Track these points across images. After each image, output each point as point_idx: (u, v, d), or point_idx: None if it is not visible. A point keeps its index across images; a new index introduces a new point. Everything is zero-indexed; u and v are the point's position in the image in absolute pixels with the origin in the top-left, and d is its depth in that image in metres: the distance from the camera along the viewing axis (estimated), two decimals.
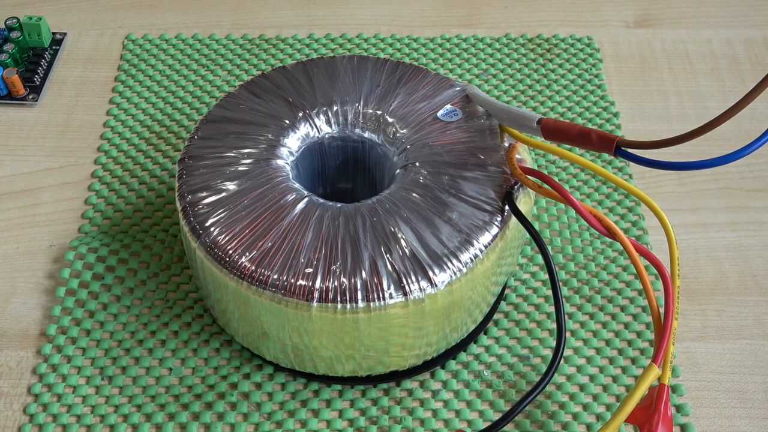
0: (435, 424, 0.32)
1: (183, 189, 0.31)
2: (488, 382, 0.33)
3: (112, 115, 0.44)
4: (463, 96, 0.35)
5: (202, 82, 0.46)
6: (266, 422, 0.32)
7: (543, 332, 0.35)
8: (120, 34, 0.49)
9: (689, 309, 0.36)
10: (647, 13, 0.50)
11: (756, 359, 0.34)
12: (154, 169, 0.41)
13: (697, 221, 0.39)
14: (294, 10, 0.50)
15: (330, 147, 0.35)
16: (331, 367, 0.31)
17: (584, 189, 0.40)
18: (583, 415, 0.32)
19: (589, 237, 0.38)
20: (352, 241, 0.29)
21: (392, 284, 0.28)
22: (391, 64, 0.36)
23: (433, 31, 0.49)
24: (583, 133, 0.29)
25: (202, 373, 0.33)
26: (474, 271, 0.29)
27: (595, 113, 0.44)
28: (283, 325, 0.29)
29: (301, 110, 0.34)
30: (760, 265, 0.38)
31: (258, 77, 0.36)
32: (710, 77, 0.47)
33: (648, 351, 0.34)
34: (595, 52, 0.47)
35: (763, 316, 0.36)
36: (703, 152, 0.32)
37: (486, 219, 0.30)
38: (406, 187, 0.31)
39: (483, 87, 0.45)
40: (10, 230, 0.39)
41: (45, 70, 0.46)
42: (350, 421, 0.32)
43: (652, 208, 0.31)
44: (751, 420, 0.32)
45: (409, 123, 0.34)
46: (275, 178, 0.32)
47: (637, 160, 0.28)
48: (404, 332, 0.30)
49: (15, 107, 0.44)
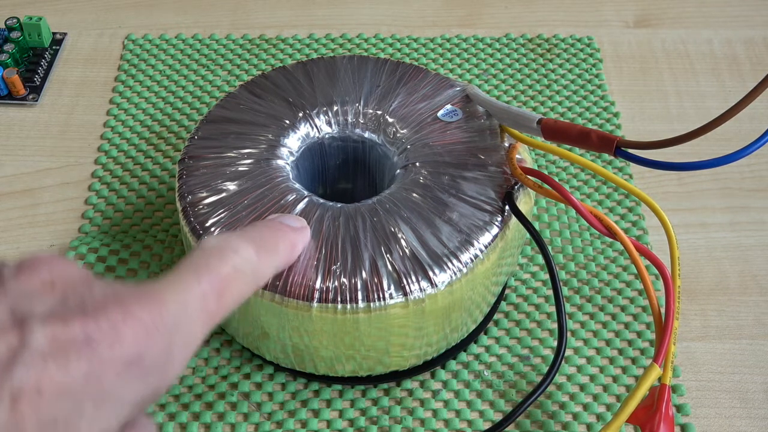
0: (435, 424, 0.32)
1: (183, 189, 0.31)
2: (488, 382, 0.33)
3: (112, 115, 0.44)
4: (463, 96, 0.35)
5: (202, 82, 0.46)
6: (266, 422, 0.32)
7: (543, 332, 0.35)
8: (120, 34, 0.49)
9: (689, 309, 0.36)
10: (647, 13, 0.50)
11: (756, 359, 0.34)
12: (154, 169, 0.41)
13: (698, 221, 0.39)
14: (294, 10, 0.50)
15: (330, 147, 0.35)
16: (332, 367, 0.31)
17: (584, 189, 0.40)
18: (584, 415, 0.32)
19: (589, 237, 0.38)
20: (352, 242, 0.29)
21: (392, 284, 0.28)
22: (391, 64, 0.36)
23: (433, 31, 0.49)
24: (583, 134, 0.29)
25: (202, 373, 0.33)
26: (474, 271, 0.29)
27: (595, 113, 0.44)
28: (284, 325, 0.29)
29: (302, 110, 0.34)
30: (760, 265, 0.38)
31: (258, 77, 0.36)
32: (710, 77, 0.47)
33: (648, 351, 0.34)
34: (595, 52, 0.47)
35: (763, 316, 0.36)
36: (703, 152, 0.32)
37: (486, 219, 0.30)
38: (407, 187, 0.31)
39: (483, 87, 0.45)
40: (10, 230, 0.39)
41: (45, 70, 0.46)
42: (350, 421, 0.32)
43: (652, 208, 0.31)
44: (751, 420, 0.32)
45: (410, 123, 0.34)
46: (275, 178, 0.32)
47: (637, 161, 0.28)
48: (404, 332, 0.30)
49: (15, 107, 0.44)
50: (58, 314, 0.19)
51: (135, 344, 0.19)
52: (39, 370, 0.17)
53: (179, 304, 0.21)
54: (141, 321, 0.19)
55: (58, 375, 0.18)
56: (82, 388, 0.18)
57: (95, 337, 0.18)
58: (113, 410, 0.19)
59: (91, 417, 0.18)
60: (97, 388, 0.18)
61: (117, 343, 0.19)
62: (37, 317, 0.18)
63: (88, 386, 0.18)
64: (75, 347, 0.18)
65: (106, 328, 0.19)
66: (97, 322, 0.19)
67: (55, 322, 0.18)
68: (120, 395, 0.19)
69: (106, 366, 0.18)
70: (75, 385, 0.18)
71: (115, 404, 0.19)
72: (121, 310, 0.19)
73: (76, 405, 0.18)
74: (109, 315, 0.19)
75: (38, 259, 0.21)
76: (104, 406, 0.19)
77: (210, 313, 0.22)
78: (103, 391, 0.18)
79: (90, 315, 0.19)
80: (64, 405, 0.18)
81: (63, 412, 0.18)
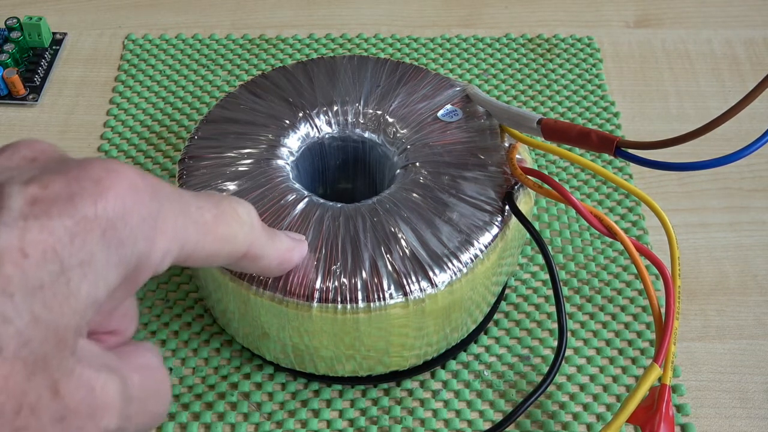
0: (435, 424, 0.32)
1: (183, 189, 0.31)
2: (489, 382, 0.33)
3: (112, 115, 0.44)
4: (463, 96, 0.35)
5: (202, 82, 0.46)
6: (266, 422, 0.32)
7: (543, 332, 0.35)
8: (120, 34, 0.49)
9: (689, 309, 0.36)
10: (647, 13, 0.50)
11: (756, 359, 0.34)
12: (154, 169, 0.41)
13: (698, 221, 0.39)
14: (294, 10, 0.50)
15: (330, 147, 0.35)
16: (332, 367, 0.31)
17: (584, 189, 0.40)
18: (584, 414, 0.32)
19: (589, 237, 0.38)
20: (352, 242, 0.29)
21: (392, 284, 0.28)
22: (391, 64, 0.36)
23: (433, 31, 0.49)
24: (583, 134, 0.29)
25: (202, 373, 0.33)
26: (474, 271, 0.29)
27: (595, 113, 0.44)
28: (284, 325, 0.29)
29: (302, 110, 0.34)
30: (760, 265, 0.38)
31: (258, 77, 0.36)
32: (710, 77, 0.47)
33: (648, 351, 0.34)
34: (596, 52, 0.47)
35: (763, 316, 0.36)
36: (703, 152, 0.32)
37: (486, 219, 0.30)
38: (407, 187, 0.31)
39: (483, 87, 0.45)
40: None
41: (45, 70, 0.46)
42: (350, 421, 0.32)
43: (652, 207, 0.31)
44: (751, 420, 0.32)
45: (410, 123, 0.34)
46: (275, 178, 0.32)
47: (637, 161, 0.28)
48: (404, 332, 0.30)
49: (15, 107, 0.44)
50: (39, 178, 0.18)
51: (121, 200, 0.18)
52: (21, 230, 0.17)
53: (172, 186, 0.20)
54: (127, 177, 0.19)
55: (41, 235, 0.17)
56: (67, 250, 0.17)
57: (77, 193, 0.18)
58: (101, 277, 0.18)
59: (78, 282, 0.18)
60: (82, 250, 0.18)
61: (101, 200, 0.18)
62: (17, 181, 0.18)
63: (73, 247, 0.17)
64: (57, 205, 0.17)
65: (89, 185, 0.18)
66: (78, 181, 0.18)
67: (35, 184, 0.18)
68: (107, 260, 0.18)
69: (90, 224, 0.18)
70: (59, 246, 0.17)
71: (102, 270, 0.18)
72: (105, 167, 0.18)
73: (62, 269, 0.17)
74: (91, 173, 0.18)
75: (19, 141, 0.20)
76: (91, 271, 0.18)
77: (203, 222, 0.21)
78: (90, 254, 0.18)
79: (72, 174, 0.18)
80: (50, 268, 0.17)
81: (49, 276, 0.17)
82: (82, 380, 0.18)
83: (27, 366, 0.17)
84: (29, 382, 0.17)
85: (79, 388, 0.18)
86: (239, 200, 0.24)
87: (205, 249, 0.22)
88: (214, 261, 0.23)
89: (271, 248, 0.26)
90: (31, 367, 0.17)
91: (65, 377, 0.18)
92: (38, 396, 0.17)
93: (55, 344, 0.17)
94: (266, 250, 0.25)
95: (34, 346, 0.17)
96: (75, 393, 0.18)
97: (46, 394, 0.17)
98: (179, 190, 0.21)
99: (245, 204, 0.24)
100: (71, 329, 0.18)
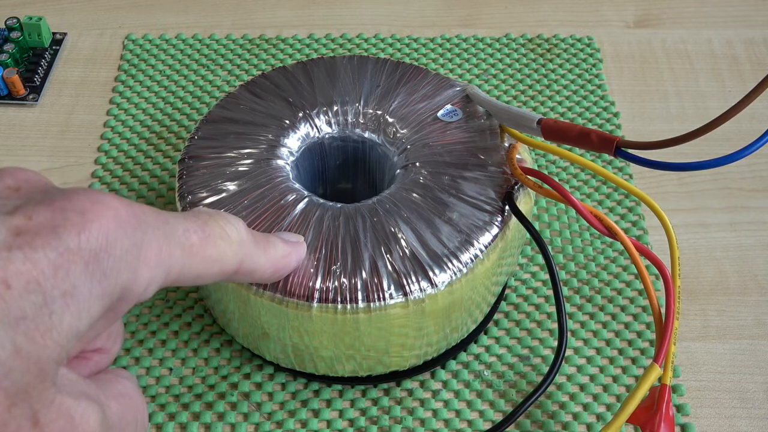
0: (435, 424, 0.32)
1: (183, 189, 0.31)
2: (489, 382, 0.33)
3: (112, 115, 0.44)
4: (463, 96, 0.35)
5: (202, 82, 0.46)
6: (266, 422, 0.32)
7: (543, 332, 0.35)
8: (120, 34, 0.49)
9: (689, 309, 0.36)
10: (647, 13, 0.50)
11: (756, 359, 0.34)
12: (154, 169, 0.41)
13: (698, 221, 0.39)
14: (294, 10, 0.50)
15: (330, 147, 0.35)
16: (332, 367, 0.31)
17: (584, 189, 0.40)
18: (584, 415, 0.32)
19: (589, 237, 0.38)
20: (352, 242, 0.29)
21: (392, 284, 0.28)
22: (391, 64, 0.36)
23: (433, 31, 0.49)
24: (583, 134, 0.29)
25: (202, 373, 0.33)
26: (474, 272, 0.29)
27: (595, 113, 0.44)
28: (284, 325, 0.29)
29: (302, 110, 0.34)
30: (760, 265, 0.38)
31: (258, 77, 0.36)
32: (710, 77, 0.47)
33: (648, 351, 0.34)
34: (595, 52, 0.47)
35: (763, 316, 0.36)
36: (704, 152, 0.32)
37: (486, 219, 0.30)
38: (407, 187, 0.31)
39: (483, 87, 0.45)
40: None
41: (45, 70, 0.46)
42: (350, 421, 0.32)
43: (652, 208, 0.31)
44: (751, 420, 0.32)
45: (410, 123, 0.34)
46: (275, 178, 0.32)
47: (637, 161, 0.28)
48: (404, 332, 0.30)
49: (15, 107, 0.44)
50: (23, 208, 0.18)
51: (104, 232, 0.18)
52: (4, 261, 0.17)
53: (158, 212, 0.20)
54: (111, 208, 0.19)
55: (24, 266, 0.17)
56: (50, 282, 0.17)
57: (61, 224, 0.18)
58: (84, 308, 0.18)
59: (60, 314, 0.18)
60: (65, 282, 0.18)
61: (84, 231, 0.18)
62: (0, 211, 0.18)
63: (56, 279, 0.17)
64: (41, 236, 0.17)
65: (73, 216, 0.18)
66: (63, 212, 0.18)
67: (19, 215, 0.18)
68: (89, 291, 0.18)
69: (74, 256, 0.18)
70: (42, 277, 0.17)
71: (85, 302, 0.18)
72: (90, 198, 0.18)
73: (45, 300, 0.17)
74: (76, 204, 0.18)
75: (3, 169, 0.20)
76: (73, 302, 0.18)
77: (189, 245, 0.21)
78: (73, 285, 0.18)
79: (56, 205, 0.18)
80: (32, 299, 0.17)
81: (32, 307, 0.17)
82: (62, 410, 0.18)
83: (8, 396, 0.17)
84: (9, 412, 0.17)
85: (59, 418, 0.18)
86: (227, 217, 0.24)
87: (192, 271, 0.22)
88: (204, 280, 0.23)
89: (264, 260, 0.26)
90: (12, 397, 0.17)
91: (45, 407, 0.18)
92: (18, 426, 0.17)
93: (36, 375, 0.17)
94: (259, 263, 0.25)
95: (15, 376, 0.17)
96: (55, 423, 0.18)
97: (26, 424, 0.17)
98: (165, 214, 0.21)
99: (234, 220, 0.24)
100: (52, 360, 0.18)
